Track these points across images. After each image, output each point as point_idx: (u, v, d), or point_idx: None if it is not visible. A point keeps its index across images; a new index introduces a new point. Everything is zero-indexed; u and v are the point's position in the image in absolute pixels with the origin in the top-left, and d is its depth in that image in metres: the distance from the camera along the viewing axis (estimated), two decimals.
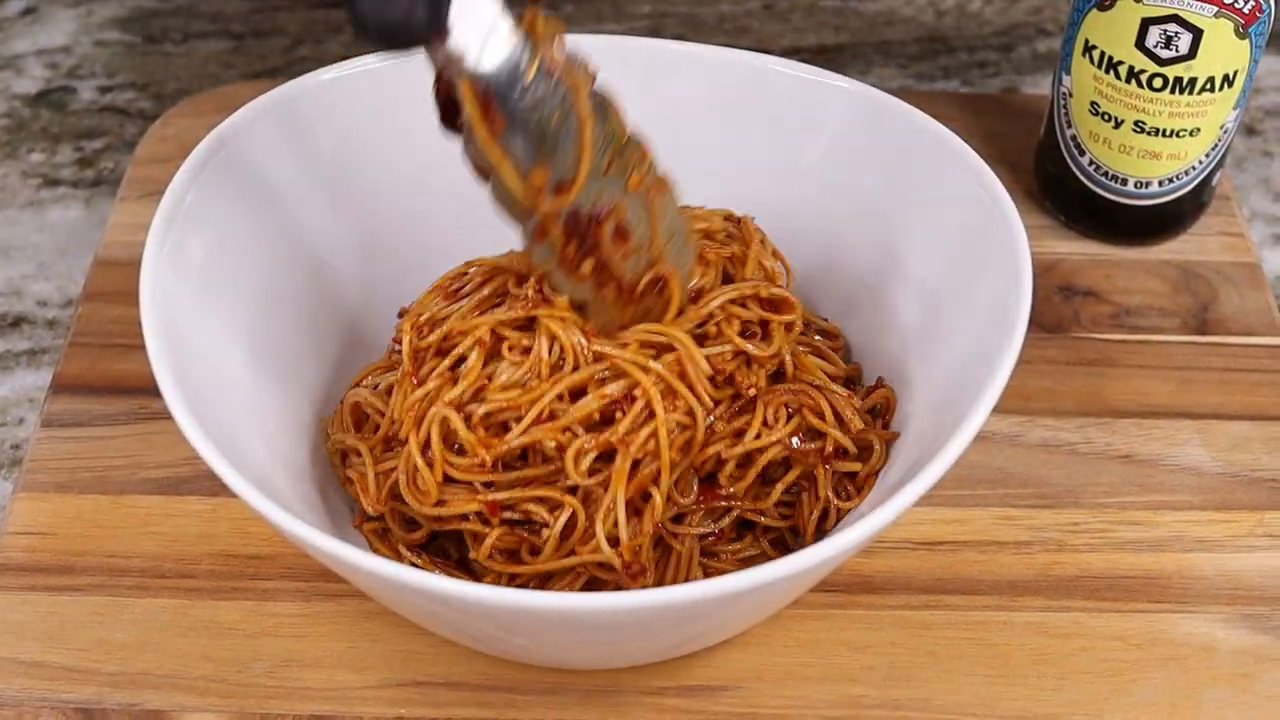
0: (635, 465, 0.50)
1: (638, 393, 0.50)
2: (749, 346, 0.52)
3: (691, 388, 0.51)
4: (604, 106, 0.49)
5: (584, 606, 0.42)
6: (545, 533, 0.50)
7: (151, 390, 0.47)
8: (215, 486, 0.49)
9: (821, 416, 0.53)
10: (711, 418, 0.52)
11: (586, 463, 0.50)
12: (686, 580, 0.52)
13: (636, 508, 0.50)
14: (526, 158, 0.47)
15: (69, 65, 0.82)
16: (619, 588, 0.50)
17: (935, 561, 0.56)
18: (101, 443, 0.59)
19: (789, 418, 0.52)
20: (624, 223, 0.49)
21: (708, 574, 0.53)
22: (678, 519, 0.52)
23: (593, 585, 0.51)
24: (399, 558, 0.53)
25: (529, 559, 0.51)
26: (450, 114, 0.46)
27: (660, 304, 0.52)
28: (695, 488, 0.52)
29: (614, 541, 0.50)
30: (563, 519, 0.50)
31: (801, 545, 0.53)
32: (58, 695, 0.51)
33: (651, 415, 0.50)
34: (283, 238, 0.56)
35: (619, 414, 0.50)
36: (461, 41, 0.44)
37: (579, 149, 0.47)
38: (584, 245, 0.49)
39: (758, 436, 0.52)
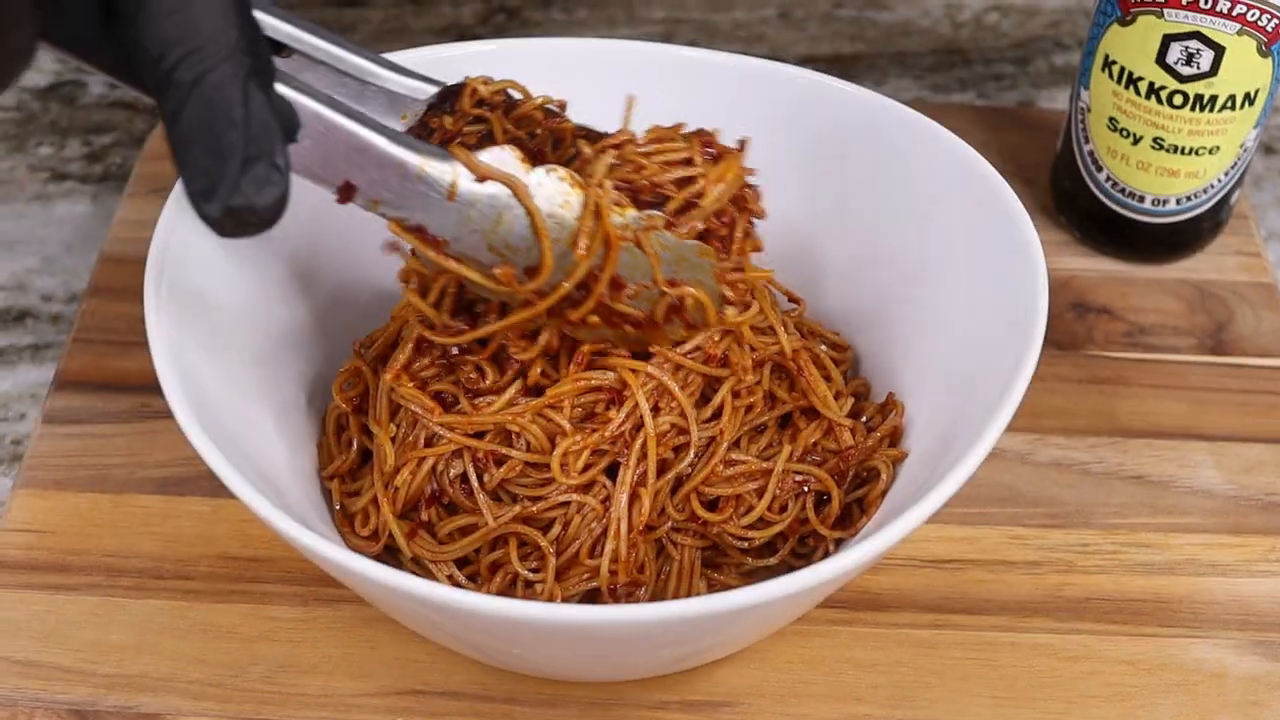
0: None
1: (627, 392, 0.50)
2: (729, 312, 0.51)
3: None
4: (574, 162, 0.47)
5: (582, 619, 0.42)
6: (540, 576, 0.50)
7: (154, 388, 0.46)
8: (215, 487, 0.49)
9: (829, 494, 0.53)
10: (719, 431, 0.51)
11: (580, 463, 0.50)
12: (688, 593, 0.52)
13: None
14: (484, 259, 0.46)
15: None
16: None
17: (943, 580, 0.55)
18: (103, 440, 0.59)
19: (797, 496, 0.52)
20: (616, 275, 0.48)
21: (711, 587, 0.52)
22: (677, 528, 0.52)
23: (593, 595, 0.51)
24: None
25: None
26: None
27: (695, 318, 0.50)
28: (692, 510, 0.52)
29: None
30: (552, 563, 0.50)
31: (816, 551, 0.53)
32: (52, 696, 0.51)
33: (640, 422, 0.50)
34: (290, 238, 0.56)
35: (611, 412, 0.50)
36: (370, 194, 0.43)
37: (536, 237, 0.46)
38: (580, 306, 0.48)
39: (764, 520, 0.52)
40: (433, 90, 0.47)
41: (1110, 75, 0.64)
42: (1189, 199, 0.66)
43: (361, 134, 0.42)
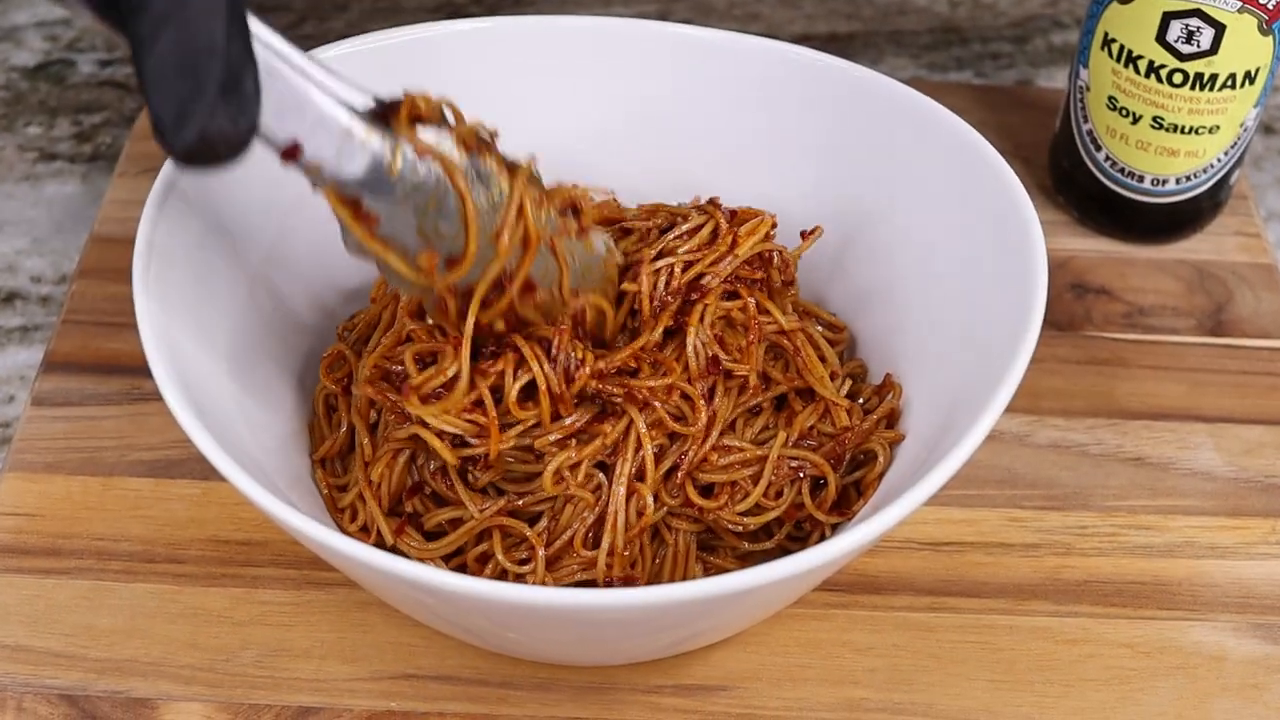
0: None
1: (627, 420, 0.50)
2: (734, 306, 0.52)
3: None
4: (504, 168, 0.47)
5: (577, 603, 0.41)
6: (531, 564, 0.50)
7: (143, 371, 0.46)
8: (206, 470, 0.49)
9: (825, 477, 0.52)
10: (711, 411, 0.51)
11: (581, 474, 0.49)
12: (684, 577, 0.51)
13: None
14: (410, 244, 0.46)
15: (69, 38, 0.81)
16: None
17: (940, 563, 0.55)
18: (92, 423, 0.58)
19: (793, 481, 0.52)
20: (530, 277, 0.48)
21: (706, 570, 0.52)
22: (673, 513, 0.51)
23: (586, 585, 0.50)
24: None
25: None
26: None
27: (593, 327, 0.51)
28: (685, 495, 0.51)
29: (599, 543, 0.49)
30: (540, 554, 0.49)
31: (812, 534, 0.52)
32: (42, 680, 0.50)
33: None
34: (278, 219, 0.55)
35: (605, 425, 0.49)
36: (316, 155, 0.43)
37: (463, 224, 0.46)
38: (491, 307, 0.48)
39: (759, 506, 0.51)
40: (367, 99, 0.46)
41: (1109, 54, 0.63)
42: (1188, 179, 0.65)
43: (312, 92, 0.42)
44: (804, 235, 0.56)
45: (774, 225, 0.54)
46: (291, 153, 0.43)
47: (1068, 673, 0.52)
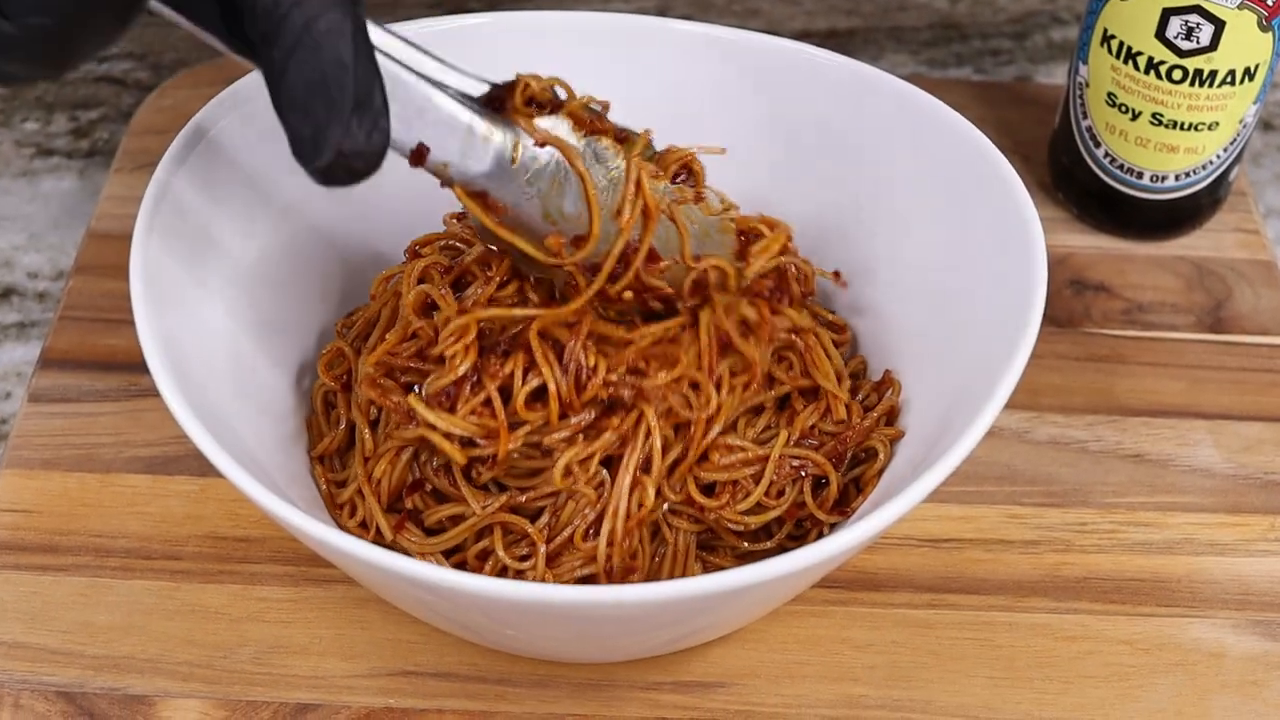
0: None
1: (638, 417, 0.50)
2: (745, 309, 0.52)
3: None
4: (619, 144, 0.49)
5: (577, 600, 0.41)
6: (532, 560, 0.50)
7: (141, 367, 0.45)
8: (204, 467, 0.48)
9: (826, 475, 0.52)
10: (717, 404, 0.51)
11: (591, 469, 0.49)
12: (683, 576, 0.51)
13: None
14: (538, 228, 0.48)
15: None
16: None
17: (940, 559, 0.55)
18: (89, 419, 0.58)
19: (794, 481, 0.52)
20: (652, 248, 0.49)
21: (706, 569, 0.52)
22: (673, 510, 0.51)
23: (588, 576, 0.50)
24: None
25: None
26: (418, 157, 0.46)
27: (716, 289, 0.51)
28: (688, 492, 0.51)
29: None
30: (541, 550, 0.49)
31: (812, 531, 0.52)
32: (39, 677, 0.50)
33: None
34: (275, 215, 0.55)
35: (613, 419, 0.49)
36: (442, 155, 0.45)
37: (586, 204, 0.48)
38: (619, 280, 0.49)
39: (760, 505, 0.51)
40: (484, 87, 0.47)
41: (1109, 50, 0.63)
42: (1188, 175, 0.65)
43: (433, 94, 0.44)
44: (836, 276, 0.57)
45: (789, 238, 0.54)
46: (419, 156, 0.44)
47: (1067, 669, 0.52)
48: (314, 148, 0.38)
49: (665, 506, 0.51)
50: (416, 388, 0.50)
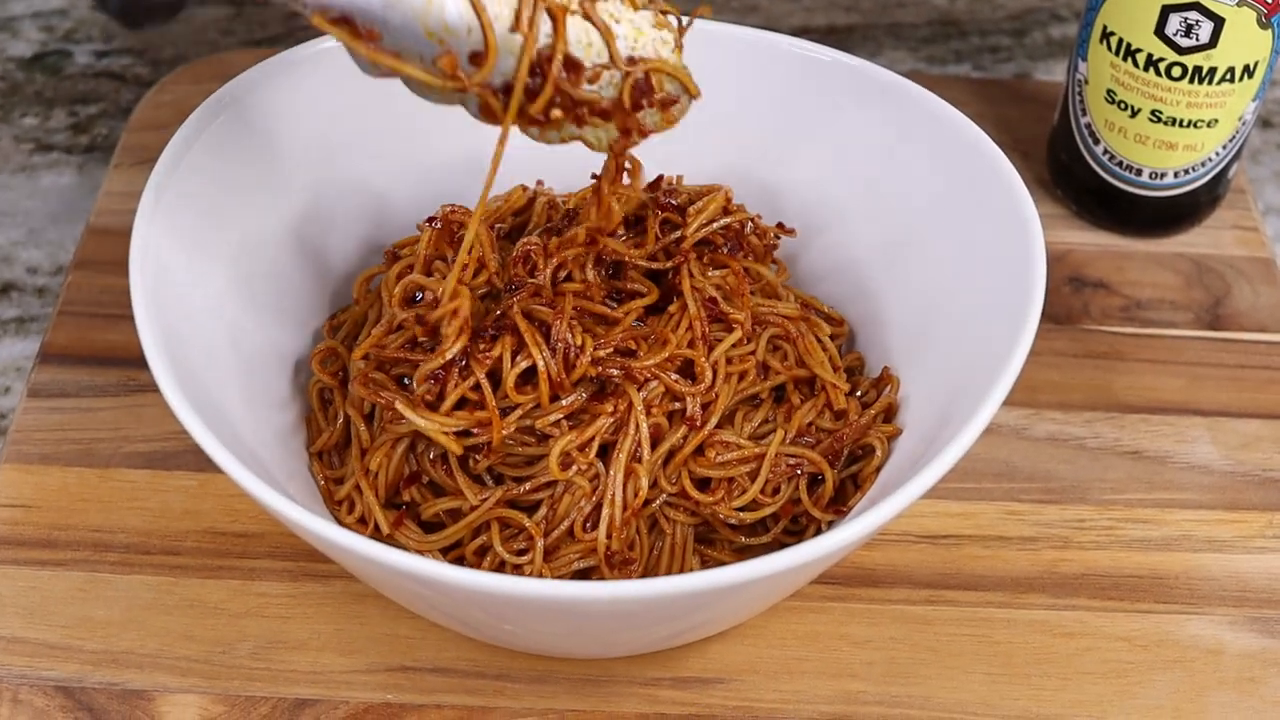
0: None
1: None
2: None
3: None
4: None
5: (575, 595, 0.41)
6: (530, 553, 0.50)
7: (140, 362, 0.46)
8: (203, 461, 0.48)
9: (821, 472, 0.52)
10: (715, 395, 0.51)
11: (590, 456, 0.49)
12: (681, 569, 0.51)
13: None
14: (424, 50, 0.42)
15: (65, 28, 0.80)
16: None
17: (938, 556, 0.55)
18: (88, 414, 0.58)
19: (790, 478, 0.52)
20: (569, 55, 0.44)
21: (704, 563, 0.52)
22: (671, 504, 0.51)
23: (585, 570, 0.50)
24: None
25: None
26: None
27: (668, 94, 0.47)
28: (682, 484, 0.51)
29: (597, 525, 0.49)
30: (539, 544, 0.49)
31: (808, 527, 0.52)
32: (38, 672, 0.50)
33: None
34: (275, 209, 0.55)
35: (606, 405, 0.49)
36: None
37: (476, 15, 0.42)
38: (538, 97, 0.44)
39: (755, 502, 0.51)
40: None
41: (1108, 47, 0.63)
42: (1187, 172, 0.65)
43: None
44: (780, 227, 0.57)
45: (729, 198, 0.54)
46: None
47: (1065, 666, 0.52)
48: None
49: (663, 498, 0.51)
50: (407, 380, 0.50)
